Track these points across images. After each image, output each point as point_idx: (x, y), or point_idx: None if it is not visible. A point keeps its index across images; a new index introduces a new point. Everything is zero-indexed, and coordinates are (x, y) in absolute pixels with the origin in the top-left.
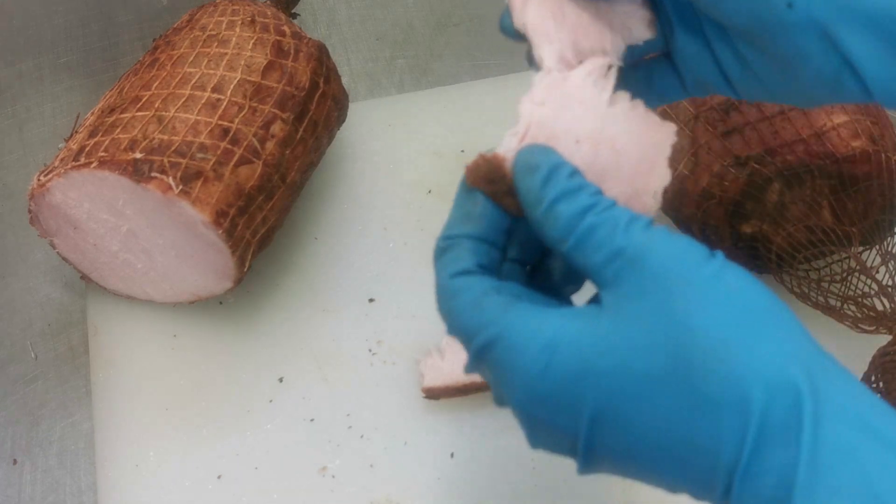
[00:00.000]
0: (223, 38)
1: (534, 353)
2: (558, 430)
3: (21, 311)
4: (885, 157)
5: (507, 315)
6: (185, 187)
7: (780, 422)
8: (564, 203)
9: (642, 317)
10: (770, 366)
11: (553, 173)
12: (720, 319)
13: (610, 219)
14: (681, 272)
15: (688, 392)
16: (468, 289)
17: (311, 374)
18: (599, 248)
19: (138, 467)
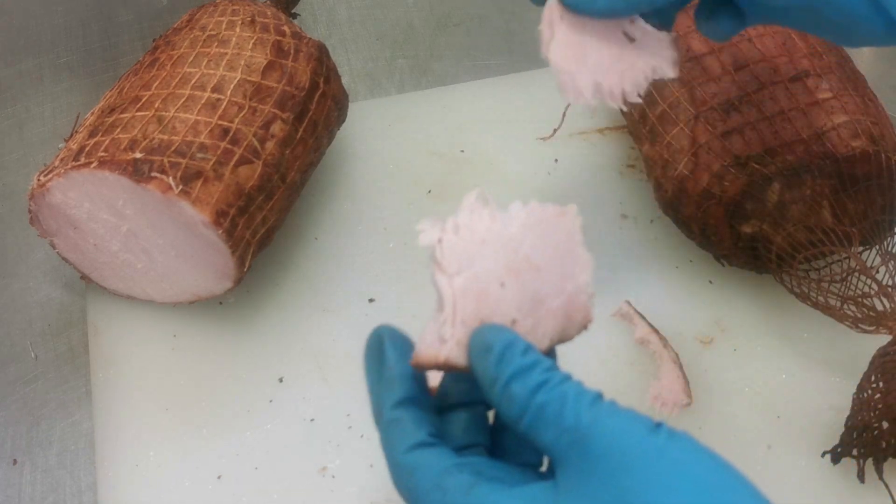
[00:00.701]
0: (223, 38)
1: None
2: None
3: (21, 312)
4: (886, 157)
5: (470, 499)
6: (185, 187)
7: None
8: (518, 382)
9: (592, 497)
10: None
11: (507, 352)
12: (666, 497)
13: (559, 395)
14: (625, 450)
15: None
16: (427, 466)
17: (311, 374)
18: (549, 427)
19: (138, 467)
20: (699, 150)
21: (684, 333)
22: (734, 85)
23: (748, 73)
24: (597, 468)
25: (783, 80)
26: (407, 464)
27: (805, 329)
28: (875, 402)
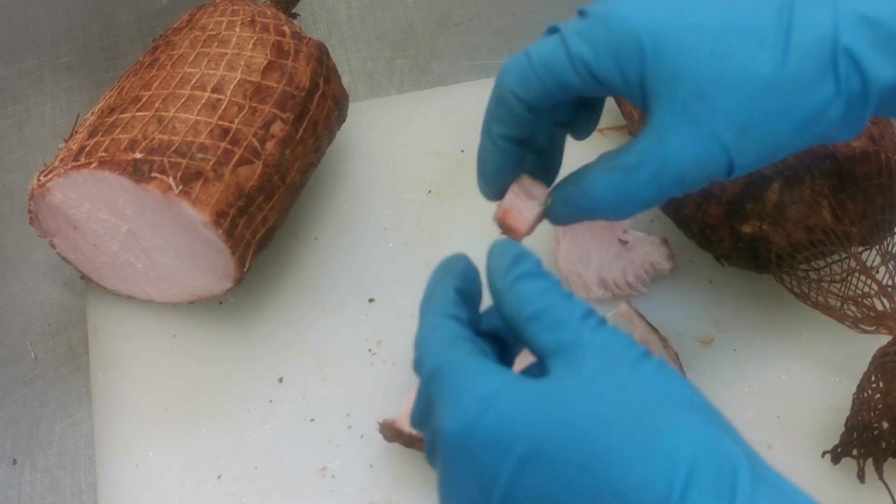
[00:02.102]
0: (223, 38)
1: (475, 384)
2: (483, 468)
3: (21, 312)
4: (885, 157)
5: (471, 355)
6: (185, 187)
7: (715, 477)
8: (529, 281)
9: (589, 374)
10: (703, 432)
11: (522, 258)
12: (658, 396)
13: (569, 305)
14: (625, 359)
15: (623, 441)
16: (448, 329)
17: (310, 374)
18: (552, 329)
19: (138, 467)
20: None
21: (684, 333)
22: None
23: None
24: (593, 361)
25: None
26: (433, 322)
27: (805, 329)
28: (875, 402)
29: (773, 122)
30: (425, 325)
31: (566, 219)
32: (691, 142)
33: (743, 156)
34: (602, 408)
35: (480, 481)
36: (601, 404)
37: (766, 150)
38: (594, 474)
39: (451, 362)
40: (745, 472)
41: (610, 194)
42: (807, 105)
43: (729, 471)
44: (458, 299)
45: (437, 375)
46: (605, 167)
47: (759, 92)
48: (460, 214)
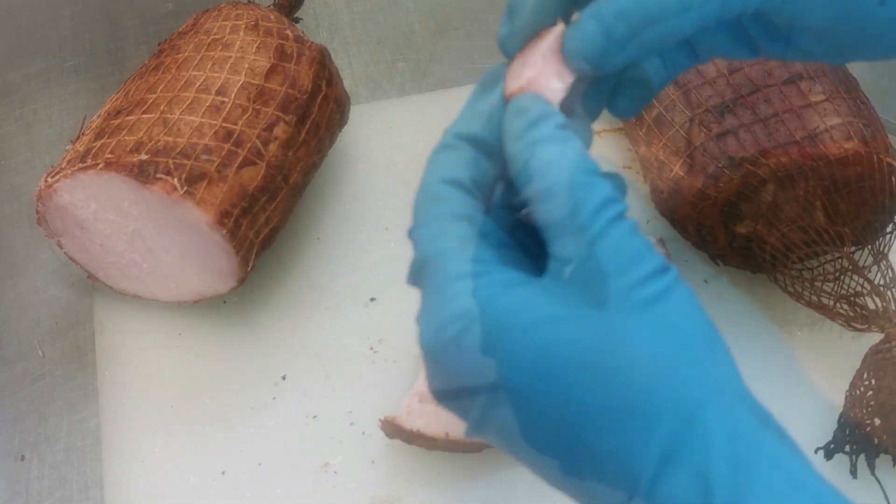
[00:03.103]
0: (227, 42)
1: (454, 295)
2: (458, 385)
3: (28, 310)
4: (878, 159)
5: (463, 247)
6: (190, 188)
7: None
8: (547, 146)
9: (579, 305)
10: (683, 398)
11: (544, 118)
12: (652, 341)
13: (591, 187)
14: (631, 277)
15: (599, 398)
16: (448, 201)
17: (313, 371)
18: (564, 211)
19: (144, 463)
20: (694, 152)
21: None
22: (729, 87)
23: (743, 76)
24: (591, 281)
25: (777, 83)
26: (435, 191)
27: (799, 328)
28: (867, 400)
29: None
30: (424, 190)
31: (620, 51)
32: None
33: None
34: (579, 353)
35: (459, 394)
36: (579, 348)
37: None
38: (566, 426)
39: (441, 254)
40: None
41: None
42: None
43: (700, 449)
44: (467, 153)
45: (426, 266)
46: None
47: None
48: None
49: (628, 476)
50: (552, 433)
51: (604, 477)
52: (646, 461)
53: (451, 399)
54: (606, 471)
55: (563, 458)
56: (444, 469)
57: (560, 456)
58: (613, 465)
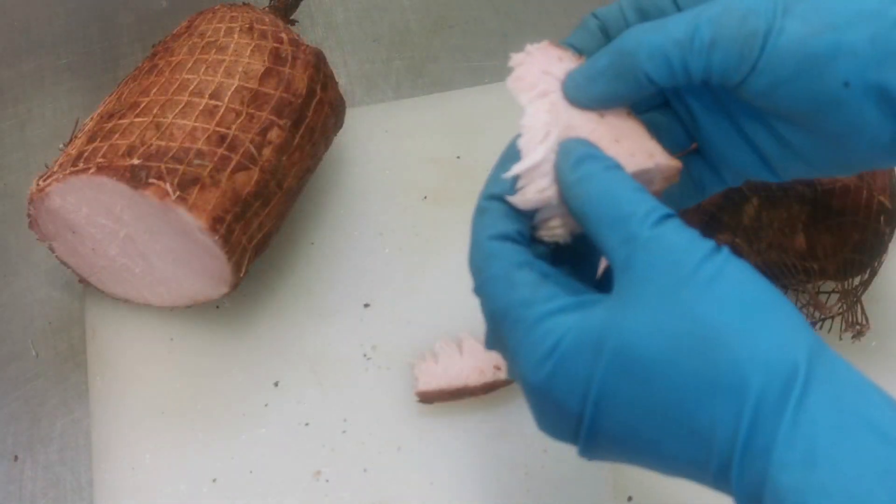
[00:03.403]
0: (221, 44)
1: (543, 335)
2: (564, 411)
3: (22, 310)
4: (867, 195)
5: (535, 295)
6: (182, 193)
7: (774, 403)
8: (594, 180)
9: (649, 302)
10: (767, 352)
11: (589, 157)
12: (723, 309)
13: (639, 197)
14: (688, 263)
15: (690, 374)
16: (503, 256)
17: (306, 378)
18: (614, 230)
19: (134, 470)
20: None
21: None
22: None
23: None
24: (657, 277)
25: None
26: (487, 248)
27: None
28: None
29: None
30: (478, 251)
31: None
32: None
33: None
34: (663, 346)
35: (567, 421)
36: (661, 342)
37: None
38: (663, 415)
39: (516, 306)
40: (796, 393)
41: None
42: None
43: (788, 385)
44: (505, 209)
45: (506, 320)
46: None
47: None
48: (456, 220)
49: (725, 444)
50: (656, 427)
51: (710, 448)
52: (741, 421)
53: (560, 429)
54: (713, 440)
55: (669, 443)
56: (437, 477)
57: (665, 443)
58: (719, 432)
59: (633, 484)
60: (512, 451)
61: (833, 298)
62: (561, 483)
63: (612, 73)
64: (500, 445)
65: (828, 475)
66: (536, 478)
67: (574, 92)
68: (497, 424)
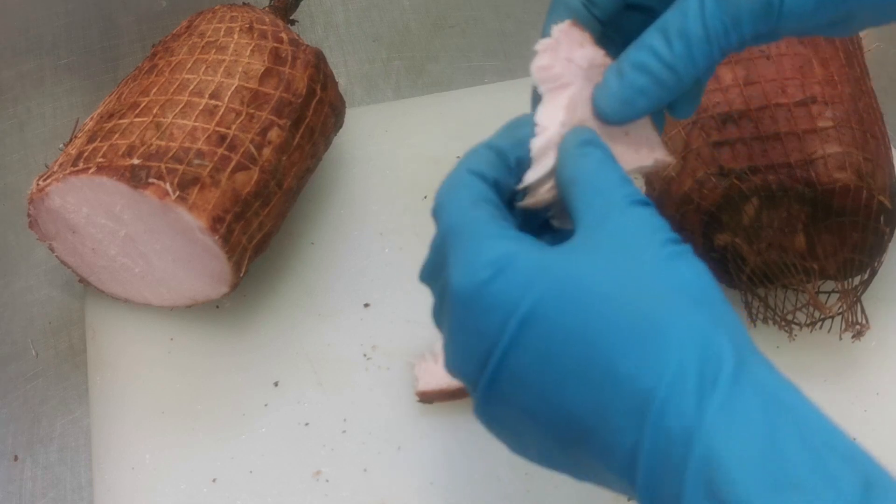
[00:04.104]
0: (221, 44)
1: (491, 246)
2: (484, 328)
3: (22, 310)
4: (867, 196)
5: (494, 220)
6: (182, 193)
7: (695, 378)
8: (593, 151)
9: (610, 252)
10: (703, 330)
11: (595, 142)
12: (676, 284)
13: (612, 178)
14: (657, 239)
15: (628, 321)
16: (475, 188)
17: (306, 378)
18: (587, 193)
19: (134, 470)
20: (688, 155)
21: None
22: (740, 98)
23: (757, 89)
24: (622, 238)
25: (788, 103)
26: (463, 178)
27: (776, 340)
28: None
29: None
30: (453, 178)
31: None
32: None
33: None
34: (611, 287)
35: (483, 342)
36: (610, 283)
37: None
38: (590, 348)
39: (470, 222)
40: (729, 372)
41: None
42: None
43: (714, 370)
44: (495, 160)
45: (454, 232)
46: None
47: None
48: None
49: (642, 395)
50: (575, 363)
51: (619, 406)
52: (662, 377)
53: (470, 354)
54: (630, 389)
55: (580, 385)
56: (437, 478)
57: (576, 385)
58: (638, 383)
59: None
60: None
61: (833, 298)
62: (561, 483)
63: (654, 89)
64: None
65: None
66: (536, 478)
67: (608, 112)
68: None
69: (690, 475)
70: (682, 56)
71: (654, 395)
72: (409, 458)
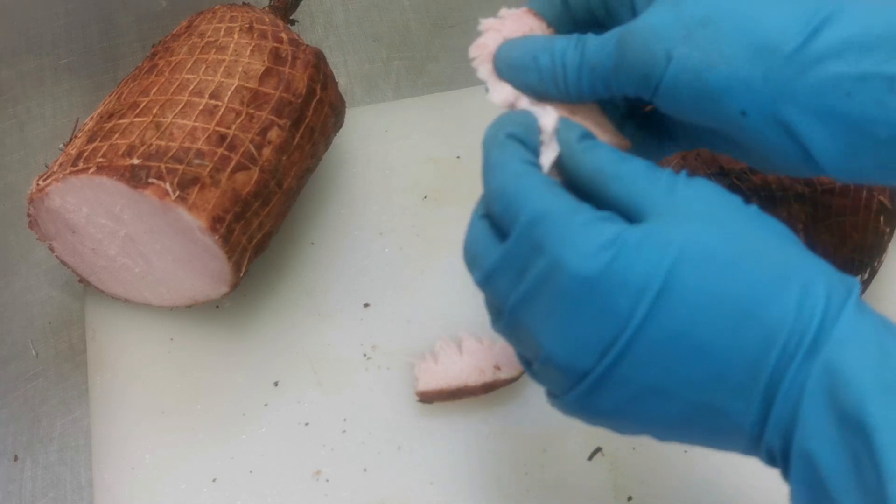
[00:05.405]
0: (221, 44)
1: (600, 229)
2: (609, 311)
3: (22, 309)
4: (867, 195)
5: (578, 203)
6: (182, 193)
7: (838, 304)
8: (603, 149)
9: (706, 217)
10: (820, 268)
11: (591, 135)
12: (779, 233)
13: (652, 166)
14: (733, 200)
15: (759, 269)
16: (536, 175)
17: (306, 378)
18: (646, 181)
19: (134, 470)
20: (688, 155)
21: None
22: None
23: None
24: (705, 204)
25: None
26: (519, 169)
27: None
28: None
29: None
30: (507, 171)
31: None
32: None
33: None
34: (729, 243)
35: (608, 325)
36: (728, 240)
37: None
38: (733, 305)
39: (560, 206)
40: (853, 301)
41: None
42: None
43: (839, 300)
44: (527, 148)
45: (546, 220)
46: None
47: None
48: (455, 220)
49: (803, 326)
50: (722, 321)
51: (774, 341)
52: (802, 311)
53: (591, 340)
54: (779, 331)
55: (726, 342)
56: (437, 477)
57: (721, 343)
58: (787, 323)
59: (634, 484)
60: (512, 451)
61: None
62: (561, 483)
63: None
64: (500, 445)
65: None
66: (536, 478)
67: (497, 66)
68: (497, 424)
69: (812, 381)
70: (561, 80)
71: (794, 328)
72: (409, 458)
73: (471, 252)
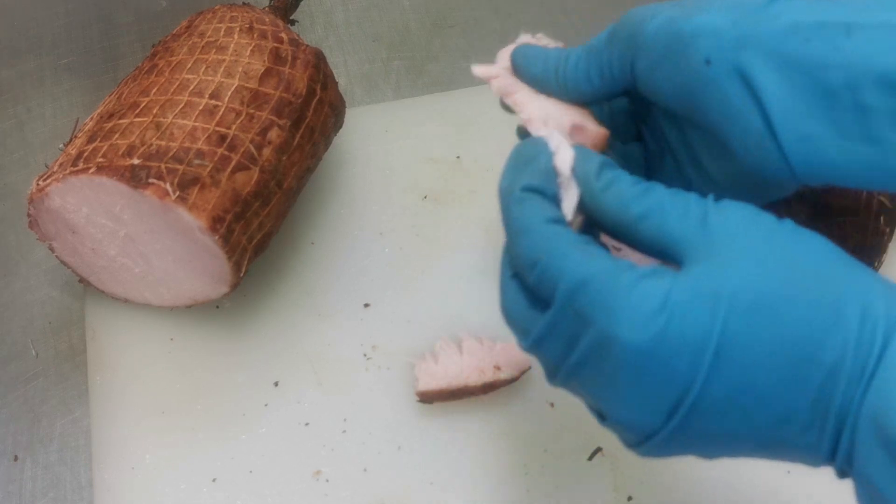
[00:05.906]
0: (221, 44)
1: (646, 293)
2: (670, 375)
3: (22, 310)
4: (867, 195)
5: (616, 262)
6: (182, 193)
7: (887, 326)
8: (625, 183)
9: (746, 253)
10: (875, 284)
11: (609, 164)
12: (819, 252)
13: (679, 196)
14: (766, 221)
15: (812, 306)
16: (566, 235)
17: (306, 378)
18: (677, 220)
19: (134, 470)
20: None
21: None
22: None
23: None
24: (741, 235)
25: None
26: (546, 231)
27: None
28: None
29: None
30: (534, 235)
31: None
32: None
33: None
34: (775, 281)
35: (671, 388)
36: (775, 278)
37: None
38: (791, 350)
39: (599, 269)
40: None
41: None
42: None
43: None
44: (548, 201)
45: (587, 287)
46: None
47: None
48: (455, 220)
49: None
50: (781, 364)
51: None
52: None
53: (656, 404)
54: (841, 366)
55: (789, 387)
56: (437, 477)
57: (784, 389)
58: (848, 359)
59: (633, 484)
60: (512, 451)
61: None
62: (561, 483)
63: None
64: (500, 445)
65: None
66: (536, 478)
67: (516, 60)
68: (497, 424)
69: (866, 405)
70: (562, 68)
71: (856, 357)
72: (409, 458)
73: (511, 318)
